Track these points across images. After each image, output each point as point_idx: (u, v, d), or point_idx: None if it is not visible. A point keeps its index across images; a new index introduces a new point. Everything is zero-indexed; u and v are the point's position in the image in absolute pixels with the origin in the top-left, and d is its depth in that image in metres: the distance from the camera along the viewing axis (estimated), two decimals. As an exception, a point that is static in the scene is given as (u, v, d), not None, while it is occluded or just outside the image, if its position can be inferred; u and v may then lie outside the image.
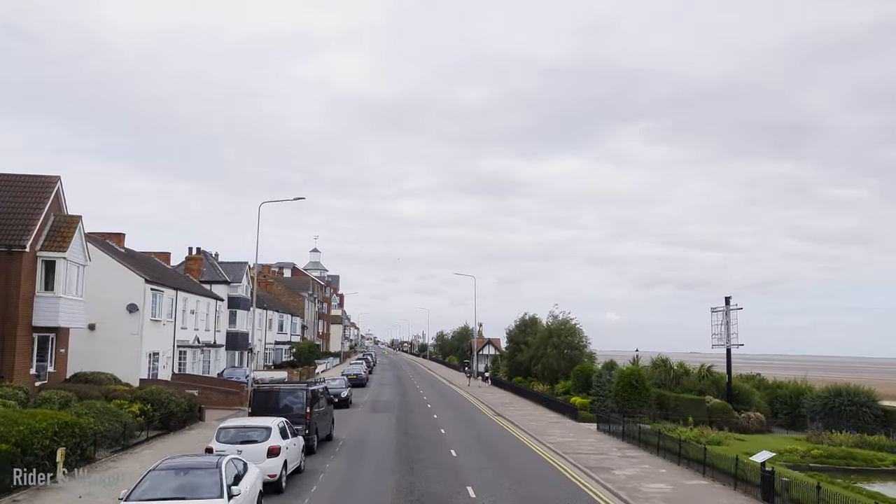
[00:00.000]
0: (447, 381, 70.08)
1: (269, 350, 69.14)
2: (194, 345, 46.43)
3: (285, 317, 75.64)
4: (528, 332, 58.89)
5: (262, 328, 66.30)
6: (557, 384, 47.65)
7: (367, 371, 75.26)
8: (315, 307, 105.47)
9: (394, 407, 39.85)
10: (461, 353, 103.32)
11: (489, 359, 78.88)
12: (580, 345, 49.01)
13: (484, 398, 48.18)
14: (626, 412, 33.91)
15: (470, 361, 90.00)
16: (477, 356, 76.76)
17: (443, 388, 59.66)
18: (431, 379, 74.79)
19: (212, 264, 56.29)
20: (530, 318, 60.22)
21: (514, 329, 60.64)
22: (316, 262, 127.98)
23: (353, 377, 56.09)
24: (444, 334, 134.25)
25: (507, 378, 61.44)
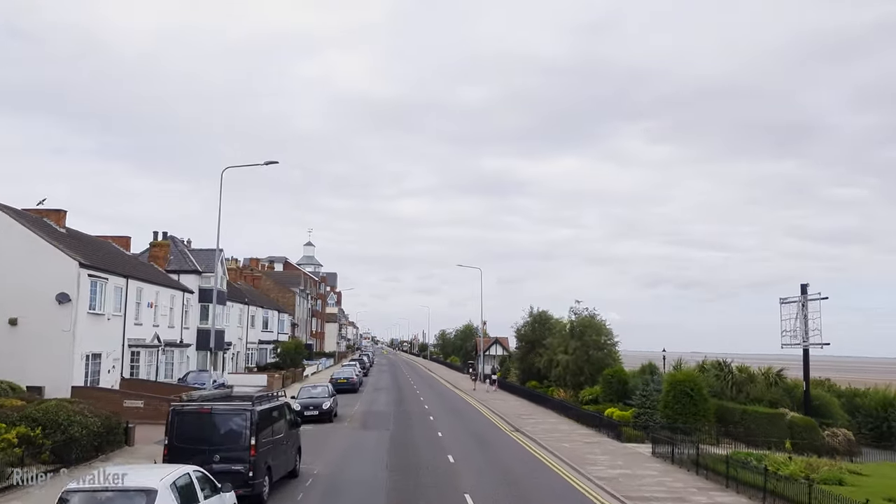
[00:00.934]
0: (450, 385, 62.86)
1: (251, 350, 61.88)
2: (152, 344, 39.14)
3: (271, 313, 68.39)
4: (541, 329, 51.65)
5: (242, 325, 59.07)
6: (582, 390, 40.37)
7: (362, 374, 68.00)
8: (307, 304, 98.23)
9: (388, 420, 32.55)
10: (465, 353, 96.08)
11: (497, 360, 71.57)
12: (608, 345, 41.73)
13: (495, 407, 40.94)
14: (680, 429, 26.72)
15: (475, 363, 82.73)
16: (483, 357, 69.55)
17: (446, 394, 52.40)
18: (433, 382, 67.53)
19: (181, 251, 48.98)
20: (539, 314, 52.89)
21: (525, 327, 53.33)
22: (310, 256, 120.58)
23: (343, 382, 48.83)
24: (445, 333, 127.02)
25: (519, 382, 54.16)
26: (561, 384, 43.15)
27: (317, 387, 33.05)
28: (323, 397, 31.26)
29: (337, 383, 48.49)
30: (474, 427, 31.61)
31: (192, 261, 48.55)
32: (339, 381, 48.80)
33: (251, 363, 61.38)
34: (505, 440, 27.82)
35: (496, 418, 35.66)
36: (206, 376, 38.37)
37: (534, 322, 52.56)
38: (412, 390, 54.08)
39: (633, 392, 34.12)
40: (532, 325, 52.27)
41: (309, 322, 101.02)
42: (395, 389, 54.36)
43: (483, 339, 76.88)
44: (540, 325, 51.78)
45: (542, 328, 51.44)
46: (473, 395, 51.67)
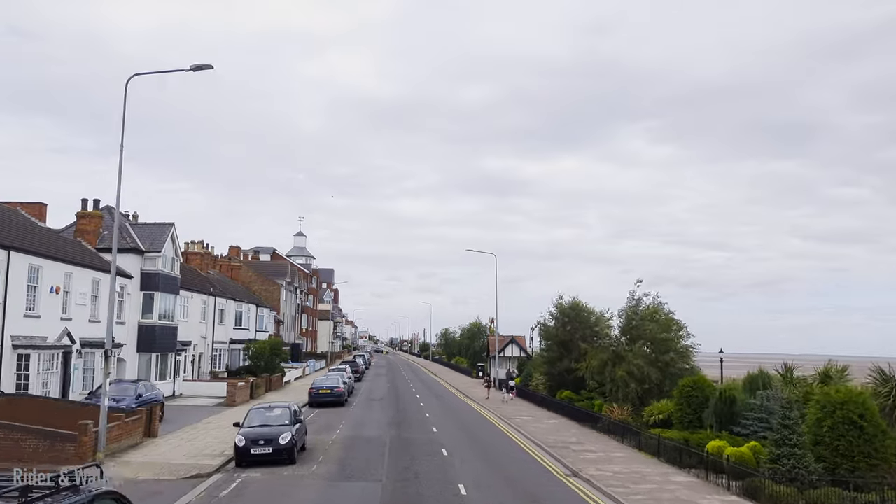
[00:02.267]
0: (460, 393, 52.29)
1: (220, 351, 51.25)
2: (58, 345, 28.52)
3: (247, 307, 57.71)
4: (577, 325, 41.11)
5: (207, 321, 48.42)
6: (647, 406, 29.75)
7: (354, 379, 57.40)
8: (295, 299, 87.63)
9: (381, 459, 21.80)
10: (472, 353, 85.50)
11: (513, 362, 60.96)
12: (679, 343, 31.08)
13: (527, 428, 30.36)
14: (852, 482, 16.31)
15: (486, 366, 72.08)
16: (497, 359, 58.95)
17: (457, 408, 41.77)
18: (438, 390, 56.88)
19: (120, 226, 38.21)
20: (573, 305, 42.30)
21: (555, 322, 42.68)
22: (301, 247, 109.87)
23: (325, 393, 38.26)
24: (449, 332, 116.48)
25: (546, 390, 43.51)
26: (614, 397, 32.49)
27: (274, 408, 22.22)
28: (280, 425, 20.51)
29: (318, 395, 37.95)
30: (512, 469, 20.95)
31: (132, 237, 37.89)
32: (320, 392, 38.23)
33: (219, 366, 50.77)
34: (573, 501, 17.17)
35: (536, 449, 25.06)
36: (131, 389, 27.71)
37: (564, 315, 41.92)
38: (414, 402, 43.44)
39: (741, 415, 23.62)
40: (562, 320, 41.62)
41: (298, 319, 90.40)
42: (394, 401, 43.71)
43: (493, 338, 66.25)
44: (574, 319, 41.19)
45: (578, 324, 40.89)
46: (490, 407, 41.12)
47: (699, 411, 26.55)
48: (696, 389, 26.83)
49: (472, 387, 59.27)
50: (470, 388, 56.95)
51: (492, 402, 45.42)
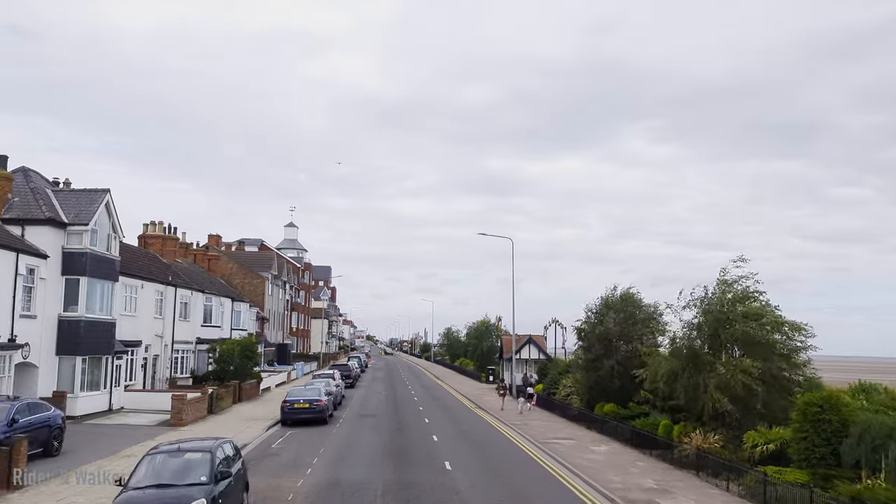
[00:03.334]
0: (470, 402, 43.69)
1: (183, 353, 42.54)
2: None
3: (220, 302, 49.02)
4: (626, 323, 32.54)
5: (164, 316, 39.75)
6: (748, 433, 21.05)
7: (346, 384, 48.97)
8: (284, 295, 78.96)
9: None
10: (480, 355, 76.80)
11: (533, 366, 52.37)
12: (793, 352, 22.30)
13: (580, 464, 21.75)
14: None
15: (497, 369, 63.42)
16: (512, 362, 50.30)
17: (473, 425, 32.98)
18: (445, 398, 48.18)
19: (35, 191, 29.58)
20: (625, 296, 33.75)
21: (596, 319, 34.00)
22: (292, 239, 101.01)
23: (303, 408, 29.62)
24: (452, 331, 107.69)
25: (583, 402, 34.79)
26: (693, 416, 23.80)
27: (184, 452, 13.23)
28: (186, 486, 11.71)
29: (293, 410, 29.39)
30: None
31: (52, 205, 29.20)
32: (295, 407, 29.61)
33: (183, 371, 42.08)
34: None
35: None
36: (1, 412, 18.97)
37: (611, 309, 33.26)
38: (417, 417, 34.71)
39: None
40: (610, 315, 32.93)
41: (286, 317, 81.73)
42: (391, 415, 35.02)
43: (507, 337, 57.62)
44: (625, 314, 32.55)
45: (631, 320, 32.28)
46: (512, 422, 32.60)
47: (833, 442, 18.07)
48: (829, 411, 18.27)
49: (482, 394, 50.66)
50: (481, 396, 48.34)
51: (509, 413, 36.93)
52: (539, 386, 45.48)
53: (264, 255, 73.17)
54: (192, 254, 59.32)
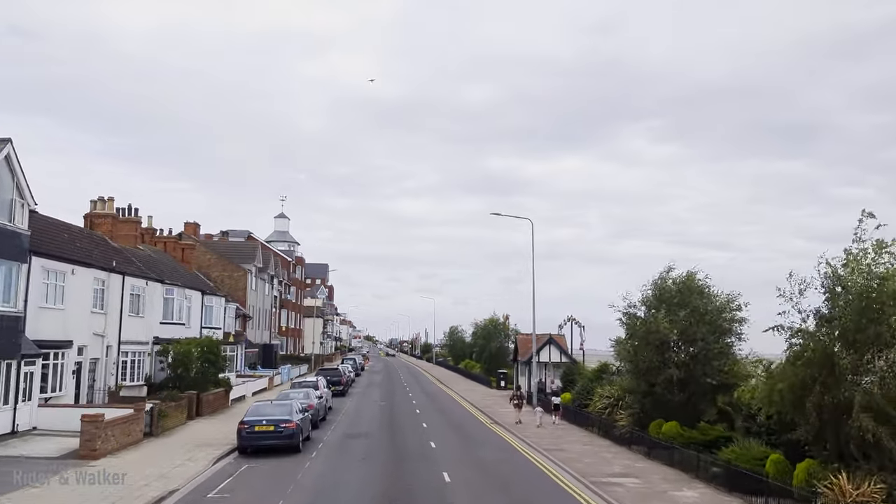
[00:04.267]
0: (484, 415, 36.16)
1: (136, 356, 34.90)
2: None
3: (185, 295, 41.41)
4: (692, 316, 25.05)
5: (107, 310, 32.13)
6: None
7: (337, 391, 41.69)
8: (271, 290, 71.38)
9: None
10: (488, 356, 69.19)
11: (556, 371, 44.86)
12: None
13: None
14: None
15: (510, 373, 55.85)
16: (535, 366, 42.72)
17: (494, 450, 25.23)
18: (452, 409, 40.52)
19: None
20: (686, 281, 26.15)
21: (650, 314, 26.37)
22: (282, 231, 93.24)
23: (265, 432, 22.00)
24: (457, 331, 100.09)
25: (633, 420, 27.13)
26: (818, 448, 16.25)
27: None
28: None
29: (253, 435, 21.81)
30: None
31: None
32: (256, 431, 21.96)
33: (134, 377, 34.46)
34: None
35: None
36: None
37: (669, 300, 25.72)
38: (421, 439, 26.99)
39: None
40: (668, 308, 25.39)
41: (274, 314, 74.12)
42: (387, 436, 27.36)
43: (523, 337, 50.04)
44: (689, 306, 25.01)
45: (696, 319, 24.76)
46: (539, 443, 25.12)
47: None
48: None
49: (494, 403, 43.16)
50: (493, 406, 40.84)
51: (530, 430, 29.64)
52: (566, 395, 37.93)
53: (247, 245, 65.59)
54: (162, 241, 51.88)
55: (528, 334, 49.69)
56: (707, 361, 24.45)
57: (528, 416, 33.99)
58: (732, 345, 25.42)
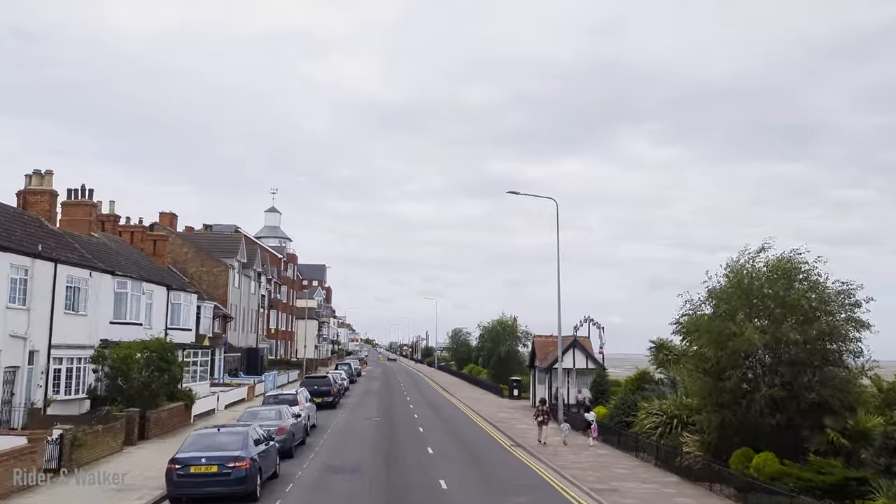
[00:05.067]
0: (501, 433, 29.67)
1: (74, 364, 28.28)
2: None
3: (143, 289, 34.76)
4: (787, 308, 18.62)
5: (31, 306, 25.54)
6: None
7: (325, 402, 35.47)
8: (258, 288, 64.88)
9: None
10: (497, 361, 62.62)
11: (583, 378, 38.45)
12: None
13: None
14: None
15: (524, 381, 49.29)
16: (560, 372, 36.20)
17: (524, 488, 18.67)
18: (463, 426, 33.79)
19: None
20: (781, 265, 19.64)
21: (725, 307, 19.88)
22: (273, 226, 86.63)
23: (204, 477, 15.35)
24: (461, 333, 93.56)
25: (705, 448, 20.59)
26: None
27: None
28: None
29: (188, 480, 15.10)
30: None
31: None
32: (193, 474, 15.33)
33: (74, 390, 27.83)
34: None
35: None
36: None
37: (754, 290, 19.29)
38: (428, 475, 20.38)
39: None
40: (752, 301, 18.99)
41: (261, 316, 67.60)
42: (383, 472, 20.76)
43: (542, 339, 43.50)
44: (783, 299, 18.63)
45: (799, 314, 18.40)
46: (583, 480, 18.64)
47: None
48: None
49: (510, 416, 36.82)
50: (510, 421, 34.45)
51: (559, 453, 23.21)
52: (601, 409, 31.42)
53: (230, 238, 59.05)
54: (128, 231, 45.51)
55: (546, 336, 43.27)
56: (821, 377, 18.01)
57: (552, 437, 27.69)
58: (847, 354, 19.01)
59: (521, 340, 64.45)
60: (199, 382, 40.10)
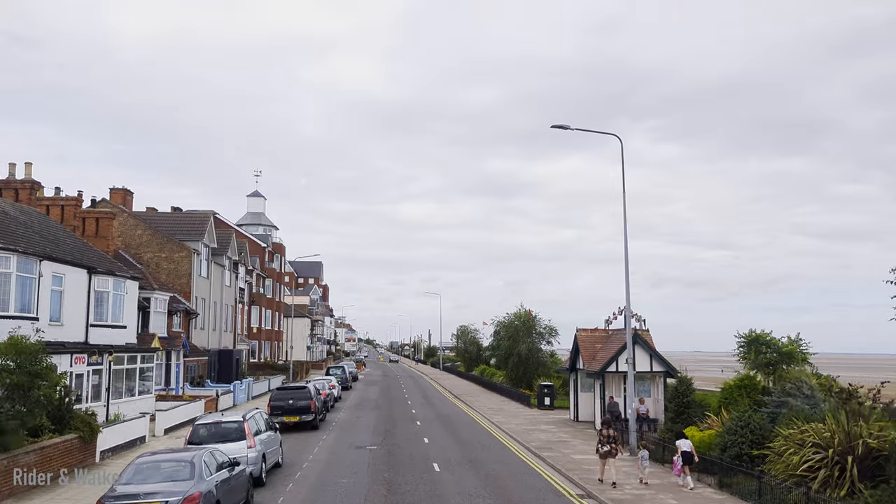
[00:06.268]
0: (550, 467, 19.90)
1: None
2: None
3: (41, 269, 24.98)
4: None
5: None
6: None
7: (316, 416, 25.86)
8: (234, 280, 55.19)
9: None
10: (518, 362, 52.88)
11: (644, 384, 28.93)
12: None
13: None
14: None
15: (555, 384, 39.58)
16: (631, 378, 26.54)
17: None
18: (499, 460, 23.84)
19: None
20: None
21: None
22: (256, 213, 76.74)
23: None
24: (468, 331, 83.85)
25: None
26: None
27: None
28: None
29: None
30: None
31: None
32: None
33: None
34: None
35: None
36: None
37: None
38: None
39: None
40: None
41: (240, 312, 57.89)
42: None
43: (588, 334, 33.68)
44: None
45: None
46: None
47: None
48: None
49: (553, 436, 27.22)
50: (556, 445, 24.84)
51: (616, 487, 13.55)
52: (693, 431, 21.70)
53: (194, 217, 49.25)
54: (57, 205, 36.16)
55: (592, 330, 33.58)
56: None
57: (617, 477, 18.16)
58: None
59: (545, 337, 54.88)
60: (139, 398, 30.50)
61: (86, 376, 25.93)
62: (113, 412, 27.57)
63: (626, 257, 24.47)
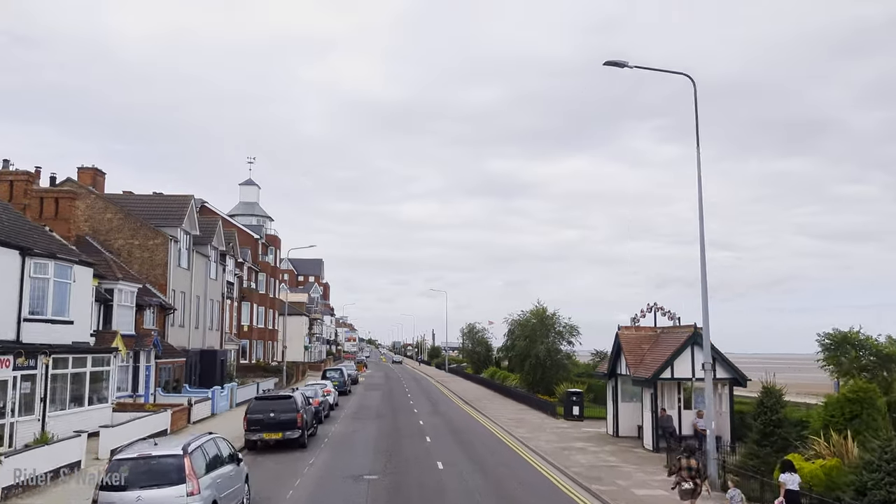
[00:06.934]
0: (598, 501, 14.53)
1: None
2: None
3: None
4: None
5: None
6: None
7: (305, 430, 20.24)
8: (221, 273, 49.83)
9: None
10: (534, 365, 47.45)
11: (700, 394, 23.51)
12: None
13: None
14: None
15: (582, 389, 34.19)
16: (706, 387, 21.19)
17: None
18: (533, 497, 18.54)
19: None
20: None
21: None
22: (250, 202, 71.30)
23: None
24: (477, 329, 78.44)
25: None
26: None
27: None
28: None
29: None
30: None
31: None
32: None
33: None
34: None
35: None
36: None
37: None
38: None
39: None
40: None
41: (228, 308, 52.53)
42: None
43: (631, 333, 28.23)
44: None
45: None
46: None
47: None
48: None
49: (595, 458, 21.84)
50: (609, 476, 19.41)
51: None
52: (797, 460, 16.25)
53: (172, 200, 43.84)
54: (6, 180, 31.06)
55: (639, 328, 28.19)
56: None
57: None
58: None
59: (564, 336, 49.55)
60: (89, 408, 25.15)
61: (11, 383, 20.57)
62: (53, 428, 22.23)
63: (701, 238, 19.08)
